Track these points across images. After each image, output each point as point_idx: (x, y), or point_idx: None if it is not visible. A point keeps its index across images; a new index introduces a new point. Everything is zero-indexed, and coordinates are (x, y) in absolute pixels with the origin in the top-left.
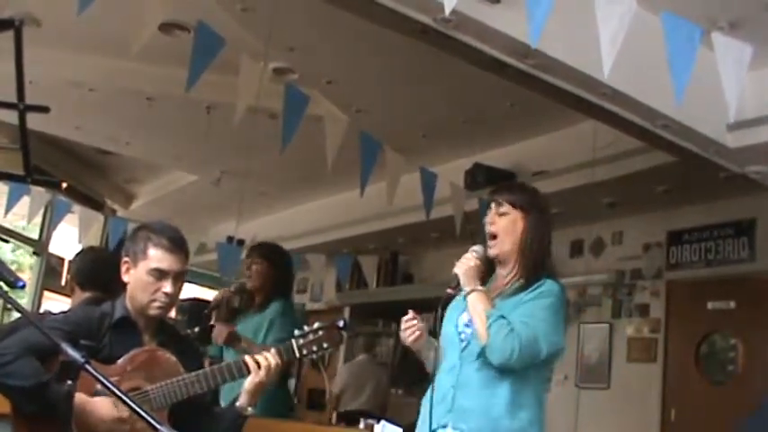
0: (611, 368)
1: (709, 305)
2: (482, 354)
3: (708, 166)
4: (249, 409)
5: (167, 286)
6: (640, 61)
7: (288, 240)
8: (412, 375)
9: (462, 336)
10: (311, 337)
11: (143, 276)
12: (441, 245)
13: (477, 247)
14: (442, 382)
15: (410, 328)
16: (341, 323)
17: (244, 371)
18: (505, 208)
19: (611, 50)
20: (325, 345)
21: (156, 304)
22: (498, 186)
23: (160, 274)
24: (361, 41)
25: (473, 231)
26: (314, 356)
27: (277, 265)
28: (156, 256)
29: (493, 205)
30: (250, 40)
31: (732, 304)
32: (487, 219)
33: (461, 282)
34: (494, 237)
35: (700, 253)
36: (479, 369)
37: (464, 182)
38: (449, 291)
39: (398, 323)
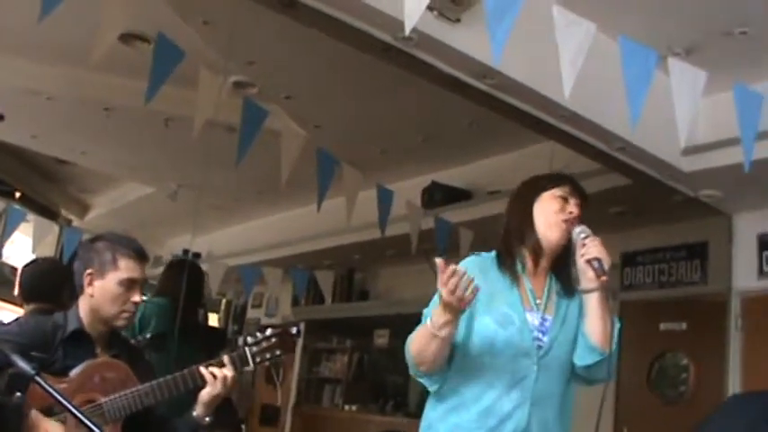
0: None
1: (662, 326)
2: (566, 362)
3: (662, 189)
4: (206, 418)
5: (136, 296)
6: (598, 84)
7: (244, 254)
8: (366, 392)
9: (540, 342)
10: (264, 344)
11: (112, 287)
12: (396, 262)
13: (586, 227)
14: (497, 398)
15: (463, 281)
16: (294, 329)
17: (198, 381)
18: (580, 202)
19: (570, 73)
20: (278, 351)
21: (125, 315)
22: (570, 176)
23: (130, 284)
24: (322, 57)
25: (428, 250)
26: (267, 363)
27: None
28: (128, 267)
29: (573, 198)
30: (210, 54)
31: (684, 325)
32: (571, 208)
33: (605, 269)
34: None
35: (653, 274)
36: (559, 379)
37: (421, 200)
38: (604, 279)
39: (353, 339)
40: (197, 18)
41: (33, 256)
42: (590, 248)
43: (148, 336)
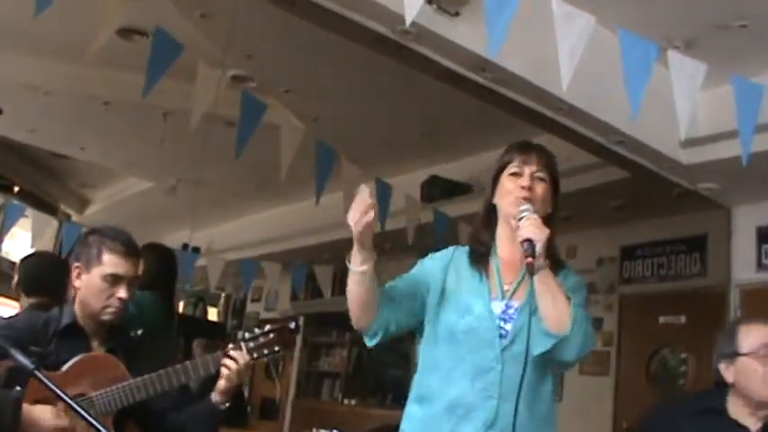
0: (563, 381)
1: (661, 319)
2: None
3: (661, 183)
4: (225, 404)
5: (122, 291)
6: (596, 77)
7: (243, 249)
8: (365, 386)
9: (503, 331)
10: (262, 339)
11: (97, 282)
12: (395, 256)
13: (531, 206)
14: (462, 389)
15: (368, 207)
16: (292, 325)
17: (191, 376)
18: (543, 174)
19: (569, 66)
20: (276, 347)
21: (110, 310)
22: (528, 143)
23: (115, 280)
24: (320, 51)
25: (427, 244)
26: (265, 358)
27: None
28: (112, 261)
29: (527, 167)
30: (208, 47)
31: (683, 319)
32: (522, 181)
33: (537, 249)
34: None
35: (652, 268)
36: (529, 368)
37: (420, 193)
38: (529, 261)
39: (352, 333)
40: (195, 12)
41: (32, 251)
42: (521, 230)
43: (140, 332)
